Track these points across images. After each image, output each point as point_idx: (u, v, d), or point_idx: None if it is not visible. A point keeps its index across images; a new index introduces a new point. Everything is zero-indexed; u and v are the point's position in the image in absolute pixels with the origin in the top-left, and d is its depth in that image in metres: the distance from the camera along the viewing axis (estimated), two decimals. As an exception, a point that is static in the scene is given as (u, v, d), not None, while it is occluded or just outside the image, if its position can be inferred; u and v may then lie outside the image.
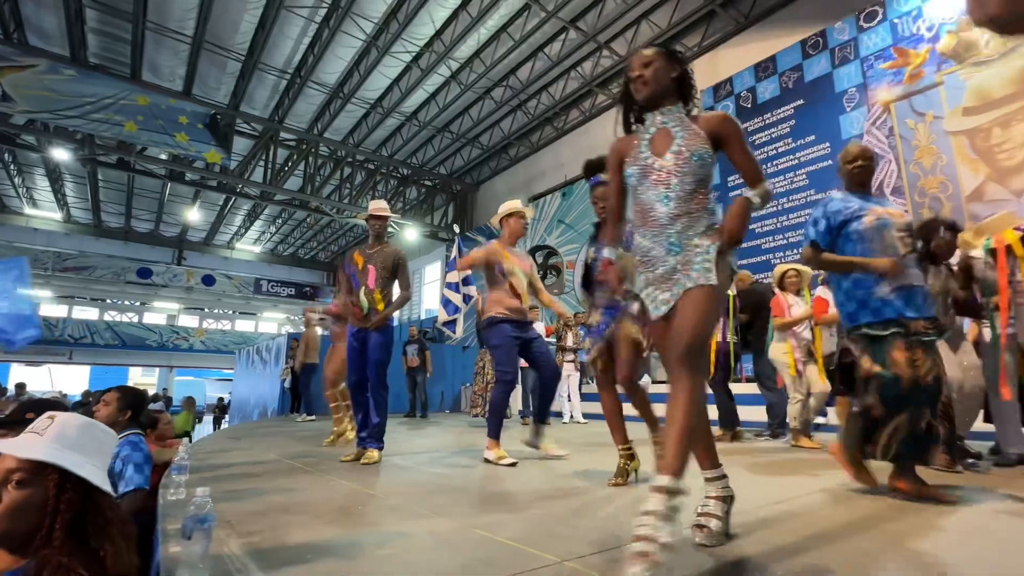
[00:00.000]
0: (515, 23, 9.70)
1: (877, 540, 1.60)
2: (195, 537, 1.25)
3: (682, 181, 1.55)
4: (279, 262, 24.02)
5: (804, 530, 1.69)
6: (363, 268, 3.50)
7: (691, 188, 1.55)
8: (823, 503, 2.15)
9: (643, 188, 1.62)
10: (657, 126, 1.65)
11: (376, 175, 14.79)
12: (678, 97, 1.67)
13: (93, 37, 10.49)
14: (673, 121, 1.63)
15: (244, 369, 13.58)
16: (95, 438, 1.20)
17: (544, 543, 1.55)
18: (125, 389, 2.75)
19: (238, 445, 4.55)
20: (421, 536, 1.68)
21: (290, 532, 1.73)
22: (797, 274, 4.24)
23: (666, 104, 1.65)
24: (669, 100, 1.66)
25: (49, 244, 19.18)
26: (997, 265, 2.86)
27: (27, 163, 15.69)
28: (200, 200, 17.72)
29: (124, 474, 2.32)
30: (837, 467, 2.38)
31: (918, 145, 6.32)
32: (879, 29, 6.74)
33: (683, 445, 1.35)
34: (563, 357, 6.82)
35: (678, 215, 1.55)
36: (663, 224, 1.57)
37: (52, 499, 1.05)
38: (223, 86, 11.98)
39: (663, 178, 1.58)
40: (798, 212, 7.37)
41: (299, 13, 9.62)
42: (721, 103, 8.56)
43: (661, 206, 1.57)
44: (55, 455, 1.07)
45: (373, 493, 2.42)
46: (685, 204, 1.55)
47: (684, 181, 1.55)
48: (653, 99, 1.65)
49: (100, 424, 1.27)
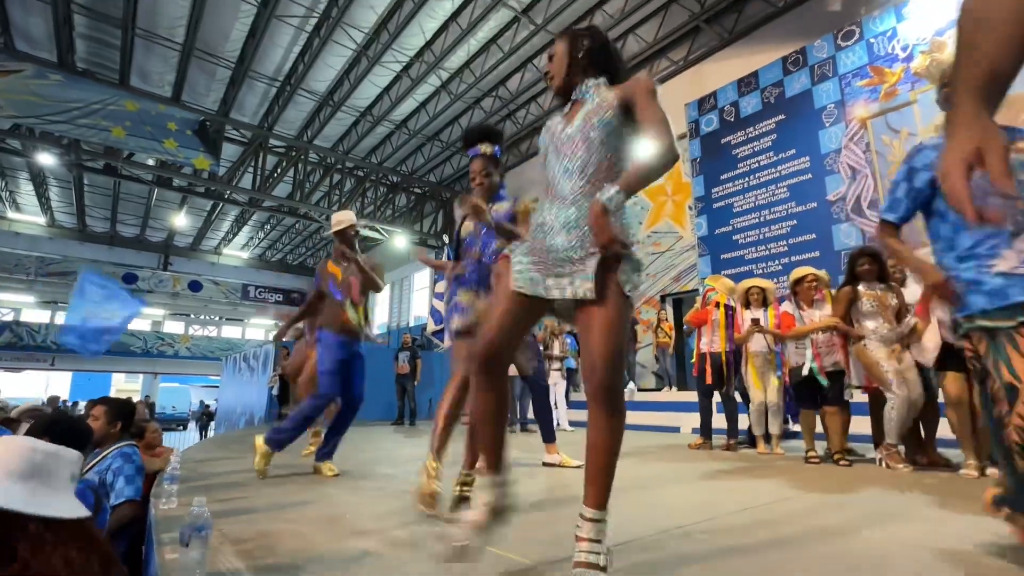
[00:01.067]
0: (504, 35, 9.85)
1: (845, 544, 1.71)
2: (192, 545, 1.32)
3: (587, 150, 1.44)
4: (267, 268, 23.89)
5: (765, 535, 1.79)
6: (343, 280, 3.34)
7: (594, 159, 1.43)
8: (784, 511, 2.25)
9: (549, 159, 1.53)
10: (575, 99, 1.57)
11: (365, 182, 14.84)
12: (595, 71, 1.56)
13: (81, 42, 10.45)
14: (590, 91, 1.53)
15: (231, 376, 13.49)
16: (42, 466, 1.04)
17: (529, 550, 1.63)
18: (110, 401, 2.75)
19: (227, 454, 4.57)
20: (410, 545, 1.75)
21: (281, 541, 1.79)
22: (760, 291, 4.41)
23: (581, 81, 1.56)
24: (583, 78, 1.56)
25: (32, 248, 18.93)
26: None
27: (10, 167, 15.52)
28: (187, 205, 17.62)
29: (114, 486, 2.35)
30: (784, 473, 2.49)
31: (894, 160, 6.52)
32: (856, 48, 6.97)
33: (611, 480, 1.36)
34: (550, 366, 6.91)
35: (581, 188, 1.42)
36: (563, 196, 1.44)
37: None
38: (213, 93, 11.98)
39: (567, 149, 1.47)
40: (779, 224, 7.56)
41: (289, 22, 9.68)
42: (705, 116, 8.76)
43: (564, 178, 1.46)
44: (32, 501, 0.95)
45: (363, 502, 2.48)
46: (587, 178, 1.43)
47: (588, 150, 1.44)
48: (563, 87, 1.58)
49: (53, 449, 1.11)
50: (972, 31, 0.75)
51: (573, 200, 1.42)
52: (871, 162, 6.70)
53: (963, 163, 0.67)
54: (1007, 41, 0.72)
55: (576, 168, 1.44)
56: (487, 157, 2.37)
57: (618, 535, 1.66)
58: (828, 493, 2.60)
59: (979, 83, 0.72)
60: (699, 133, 8.82)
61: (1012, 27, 0.71)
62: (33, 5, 9.42)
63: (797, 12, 8.10)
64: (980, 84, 0.72)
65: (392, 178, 15.38)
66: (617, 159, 1.45)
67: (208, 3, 9.15)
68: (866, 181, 6.72)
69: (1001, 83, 0.73)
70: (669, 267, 9.49)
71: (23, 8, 9.54)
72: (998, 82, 0.73)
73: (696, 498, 2.54)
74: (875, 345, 3.40)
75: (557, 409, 7.09)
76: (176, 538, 1.87)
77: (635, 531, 1.80)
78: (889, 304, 3.51)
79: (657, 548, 1.65)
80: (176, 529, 1.97)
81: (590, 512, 1.33)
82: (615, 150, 1.45)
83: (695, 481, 3.01)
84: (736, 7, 8.70)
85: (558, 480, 3.07)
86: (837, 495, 2.56)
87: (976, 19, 0.75)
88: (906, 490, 2.63)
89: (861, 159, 6.79)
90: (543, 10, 9.06)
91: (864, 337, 3.45)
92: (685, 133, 8.85)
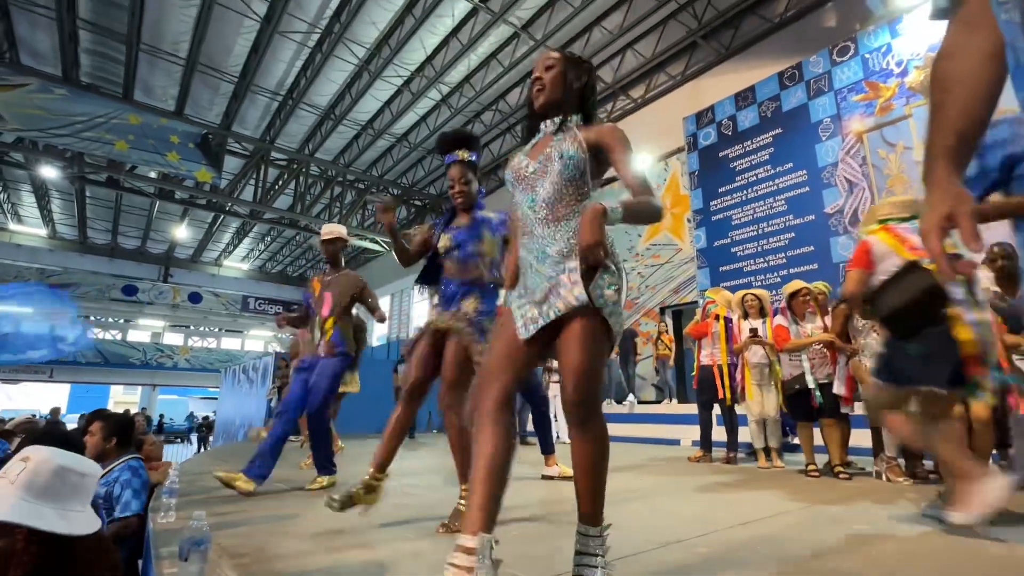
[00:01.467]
0: (504, 51, 9.98)
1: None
2: (191, 559, 1.32)
3: (552, 183, 1.44)
4: (267, 279, 23.94)
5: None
6: (319, 296, 3.29)
7: (558, 192, 1.43)
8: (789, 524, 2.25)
9: (516, 194, 1.53)
10: (543, 132, 1.55)
11: (366, 195, 14.92)
12: (578, 108, 1.55)
13: (86, 57, 10.58)
14: (561, 128, 1.52)
15: (230, 388, 13.45)
16: (69, 483, 1.13)
17: (526, 565, 1.63)
18: (106, 416, 2.73)
19: (225, 467, 4.55)
20: (410, 558, 1.75)
21: (280, 555, 1.79)
22: (756, 299, 4.42)
23: (562, 113, 1.53)
24: (566, 110, 1.53)
25: (32, 260, 18.98)
26: None
27: (13, 179, 15.62)
28: (189, 218, 17.70)
29: (122, 499, 2.35)
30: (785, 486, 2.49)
31: (890, 174, 6.58)
32: (851, 63, 7.06)
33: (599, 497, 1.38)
34: (550, 378, 6.90)
35: (545, 220, 1.43)
36: (532, 231, 1.46)
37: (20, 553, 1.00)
38: (215, 106, 12.10)
39: (531, 182, 1.48)
40: (778, 236, 7.59)
41: (292, 38, 9.82)
42: (703, 129, 8.84)
43: (530, 212, 1.46)
44: (23, 512, 1.02)
45: (363, 515, 2.47)
46: (551, 209, 1.43)
47: (553, 183, 1.43)
48: (548, 107, 1.53)
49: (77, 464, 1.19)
50: (938, 93, 0.79)
51: (541, 231, 1.43)
52: (868, 175, 6.75)
53: (938, 228, 0.74)
54: (968, 104, 0.76)
55: (539, 200, 1.45)
56: (465, 163, 2.35)
57: (618, 549, 1.65)
58: (829, 505, 2.60)
59: (948, 146, 0.76)
60: (697, 146, 8.90)
61: (971, 90, 0.75)
62: (39, 20, 9.56)
63: (793, 28, 8.22)
64: (949, 147, 0.76)
65: (392, 191, 15.47)
66: (579, 196, 1.44)
67: (212, 19, 9.29)
68: (863, 194, 6.77)
69: (969, 144, 0.77)
70: (668, 279, 9.51)
71: (30, 23, 9.68)
72: (966, 144, 0.77)
73: (696, 511, 2.54)
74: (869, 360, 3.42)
75: (557, 421, 7.07)
76: (175, 552, 1.87)
77: (635, 544, 1.80)
78: None
79: (656, 562, 1.64)
80: (174, 543, 1.98)
81: (585, 528, 1.35)
82: (577, 188, 1.44)
83: (695, 494, 3.00)
84: (732, 23, 8.82)
85: (557, 494, 3.06)
86: (838, 507, 2.56)
87: (940, 82, 0.79)
88: (907, 503, 2.63)
89: (858, 172, 6.85)
90: (542, 26, 9.19)
91: (858, 352, 3.47)
92: (683, 147, 8.93)
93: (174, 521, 2.32)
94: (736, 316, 4.50)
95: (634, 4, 8.77)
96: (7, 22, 9.67)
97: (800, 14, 8.03)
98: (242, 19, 9.40)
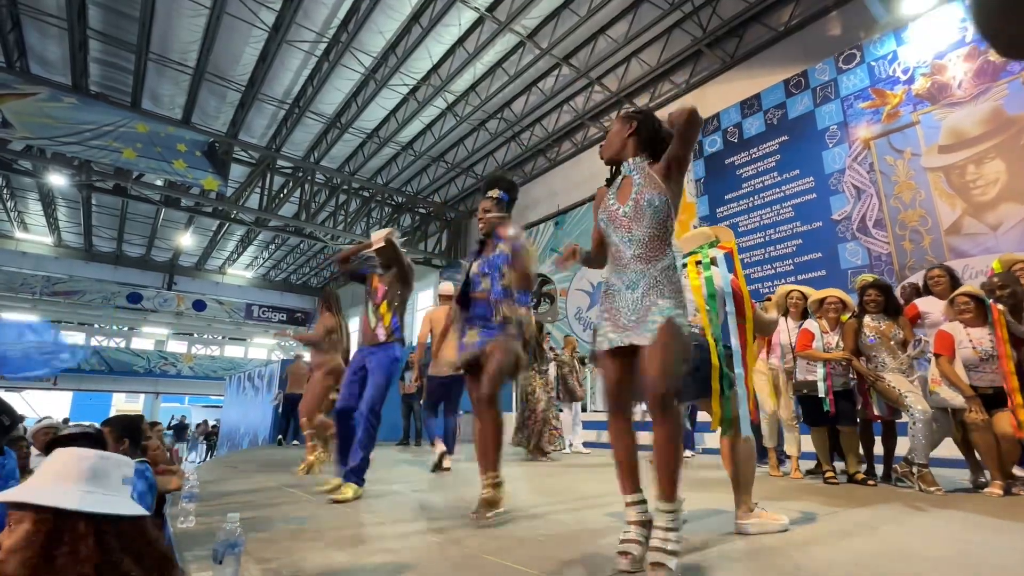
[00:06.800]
0: (510, 59, 10.04)
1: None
2: (226, 562, 1.31)
3: (640, 227, 1.77)
4: (271, 287, 23.95)
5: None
6: (374, 288, 3.36)
7: (649, 233, 1.76)
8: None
9: (609, 232, 1.85)
10: (624, 175, 1.88)
11: (371, 203, 14.97)
12: (641, 150, 1.87)
13: (95, 66, 10.67)
14: (636, 171, 1.84)
15: (235, 396, 13.42)
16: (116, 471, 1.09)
17: (546, 566, 1.62)
18: (114, 420, 2.72)
19: (236, 473, 4.54)
20: (435, 559, 1.74)
21: (305, 558, 1.78)
22: (802, 297, 4.17)
23: (629, 157, 1.88)
24: (630, 154, 1.88)
25: (38, 268, 19.02)
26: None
27: (20, 187, 15.70)
28: (193, 225, 17.76)
29: None
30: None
31: (897, 180, 6.59)
32: (857, 71, 7.10)
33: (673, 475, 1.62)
34: (565, 395, 6.86)
35: (638, 256, 1.76)
36: (625, 264, 1.79)
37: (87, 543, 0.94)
38: (222, 115, 12.18)
39: (625, 224, 1.80)
40: (785, 243, 7.60)
41: (300, 47, 9.89)
42: (709, 137, 8.88)
43: (625, 248, 1.79)
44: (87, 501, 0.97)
45: (382, 520, 2.46)
46: (644, 248, 1.76)
47: (642, 226, 1.77)
48: (610, 159, 1.93)
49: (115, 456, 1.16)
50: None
51: (632, 267, 1.77)
52: (875, 182, 6.77)
53: None
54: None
55: (634, 240, 1.78)
56: (492, 199, 2.77)
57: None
58: (853, 508, 2.58)
59: None
60: (703, 154, 8.93)
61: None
62: (49, 30, 9.65)
63: (797, 36, 8.26)
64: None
65: (397, 198, 15.52)
66: (666, 229, 1.79)
67: (221, 28, 9.37)
68: (871, 201, 6.78)
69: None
70: (675, 286, 9.49)
71: (40, 33, 9.78)
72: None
73: (712, 520, 2.52)
74: (891, 376, 3.44)
75: (573, 433, 7.01)
76: (197, 556, 1.86)
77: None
78: (892, 337, 3.53)
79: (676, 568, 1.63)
80: (195, 547, 1.97)
81: (661, 504, 1.58)
82: (662, 222, 1.77)
83: (709, 501, 2.97)
84: (737, 32, 8.87)
85: (560, 493, 3.04)
86: (863, 510, 2.53)
87: None
88: (939, 511, 2.61)
89: (865, 179, 6.86)
90: (548, 35, 9.25)
91: (880, 378, 3.47)
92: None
93: (193, 526, 2.32)
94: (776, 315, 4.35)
95: (639, 13, 8.83)
96: (18, 31, 9.77)
97: (804, 23, 8.07)
98: (251, 28, 9.49)
